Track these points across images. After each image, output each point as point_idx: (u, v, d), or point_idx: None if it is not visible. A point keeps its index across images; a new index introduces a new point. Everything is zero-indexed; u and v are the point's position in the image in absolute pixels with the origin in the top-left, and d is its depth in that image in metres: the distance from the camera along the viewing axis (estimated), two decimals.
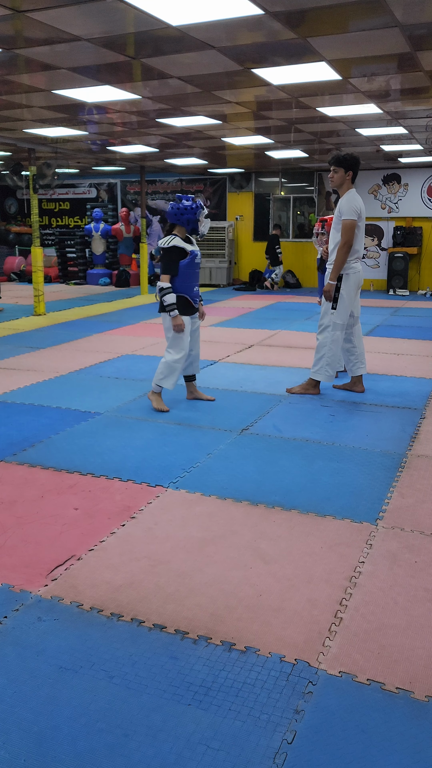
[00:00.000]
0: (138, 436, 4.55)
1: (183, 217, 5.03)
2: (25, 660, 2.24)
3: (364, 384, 5.89)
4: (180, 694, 2.08)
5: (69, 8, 4.44)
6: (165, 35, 5.01)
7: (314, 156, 12.58)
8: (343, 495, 3.61)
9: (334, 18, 4.59)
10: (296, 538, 3.12)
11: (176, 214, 5.04)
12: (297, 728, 1.94)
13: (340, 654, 2.28)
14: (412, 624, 2.45)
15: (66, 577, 2.76)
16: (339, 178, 5.24)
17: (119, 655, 2.27)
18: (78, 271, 15.95)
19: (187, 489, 3.67)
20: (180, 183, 16.71)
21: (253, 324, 9.68)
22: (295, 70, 6.04)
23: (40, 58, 5.75)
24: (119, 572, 2.80)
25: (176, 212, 5.03)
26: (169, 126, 9.29)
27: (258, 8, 4.36)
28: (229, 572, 2.80)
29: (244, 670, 2.19)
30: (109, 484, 3.75)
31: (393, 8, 4.37)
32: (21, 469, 3.96)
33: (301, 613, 2.51)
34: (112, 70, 6.15)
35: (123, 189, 17.44)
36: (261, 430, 4.71)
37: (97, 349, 7.70)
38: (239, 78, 6.35)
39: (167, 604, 2.56)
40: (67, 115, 8.59)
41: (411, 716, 1.99)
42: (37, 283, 10.53)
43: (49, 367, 6.73)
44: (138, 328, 9.26)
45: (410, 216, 14.52)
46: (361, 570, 2.82)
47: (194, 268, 5.18)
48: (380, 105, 7.68)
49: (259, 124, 9.14)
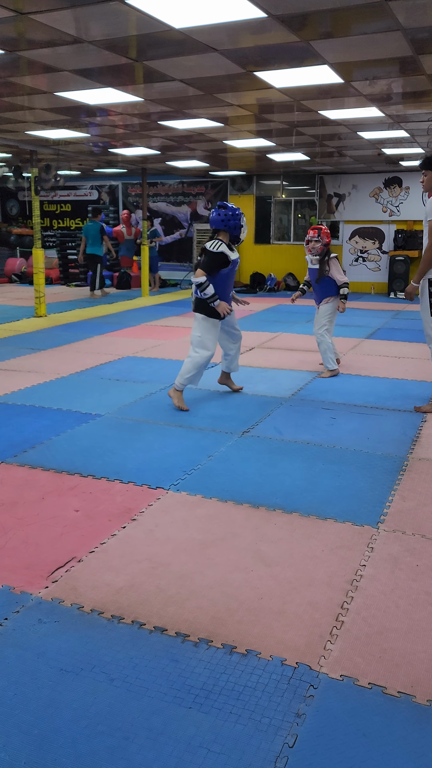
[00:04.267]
0: (139, 438, 4.55)
1: (230, 223, 5.16)
2: (26, 662, 2.23)
3: (366, 388, 5.88)
4: (181, 697, 2.07)
5: (71, 10, 4.45)
6: (168, 38, 5.01)
7: (316, 159, 12.59)
8: (345, 498, 3.60)
9: (336, 21, 4.59)
10: (297, 540, 3.11)
11: (223, 219, 5.15)
12: (298, 732, 1.93)
13: (341, 657, 2.27)
14: (414, 628, 2.44)
15: (67, 578, 2.76)
16: (428, 182, 5.06)
17: (120, 657, 2.26)
18: (79, 273, 15.95)
19: (188, 491, 3.67)
20: (181, 185, 16.73)
21: (254, 326, 9.68)
22: (297, 73, 6.04)
23: (42, 60, 5.76)
24: (120, 574, 2.79)
25: (223, 218, 5.15)
26: (170, 128, 9.30)
27: (261, 11, 4.37)
28: (230, 575, 2.79)
29: (245, 674, 2.18)
30: (109, 485, 3.74)
31: (396, 12, 4.37)
32: (22, 471, 3.96)
33: (302, 616, 2.50)
34: (114, 73, 6.15)
35: (124, 191, 17.45)
36: (262, 432, 4.71)
37: (98, 350, 7.70)
38: (241, 81, 6.36)
39: (168, 607, 2.55)
40: (69, 117, 8.60)
41: (413, 720, 1.99)
42: (38, 284, 10.53)
43: (50, 368, 6.72)
44: (139, 330, 9.26)
45: (411, 219, 14.53)
46: (363, 573, 2.82)
47: (232, 275, 5.37)
48: (382, 108, 7.69)
49: (260, 127, 9.15)
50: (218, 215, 5.17)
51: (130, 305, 12.23)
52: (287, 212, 15.97)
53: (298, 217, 15.91)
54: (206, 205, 16.59)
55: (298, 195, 15.77)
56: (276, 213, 15.99)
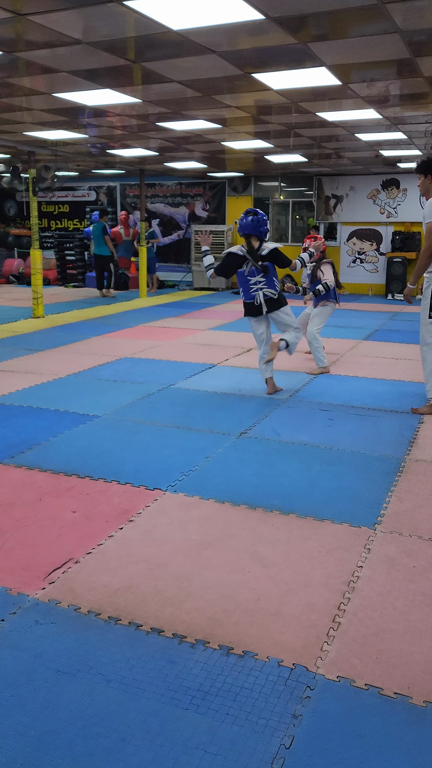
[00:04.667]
0: (136, 439, 4.55)
1: (263, 228, 5.56)
2: (22, 663, 2.23)
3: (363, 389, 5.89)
4: (178, 699, 2.07)
5: (70, 12, 4.45)
6: (166, 39, 5.02)
7: (313, 161, 12.61)
8: (342, 499, 3.60)
9: (334, 23, 4.60)
10: (294, 542, 3.12)
11: (257, 225, 5.52)
12: (295, 733, 1.94)
13: (338, 659, 2.27)
14: (410, 629, 2.45)
15: (64, 580, 2.76)
16: (423, 185, 5.10)
17: (117, 658, 2.26)
18: (77, 273, 15.94)
19: (185, 492, 3.67)
20: (179, 186, 16.74)
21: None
22: (295, 75, 6.05)
23: (40, 61, 5.76)
24: (117, 575, 2.79)
25: (257, 224, 5.53)
26: (169, 129, 9.31)
27: (259, 13, 4.38)
28: (227, 576, 2.80)
29: (242, 675, 2.19)
30: (107, 487, 3.74)
31: (393, 14, 4.38)
32: (19, 472, 3.96)
33: (299, 618, 2.50)
34: (112, 74, 6.16)
35: (122, 192, 17.45)
36: (259, 433, 4.71)
37: (96, 351, 7.70)
38: (239, 82, 6.37)
39: (165, 608, 2.55)
40: (67, 118, 8.60)
41: (409, 721, 1.99)
42: (35, 285, 10.52)
43: (48, 369, 6.72)
44: (137, 331, 9.26)
45: (409, 221, 14.55)
46: (360, 574, 2.82)
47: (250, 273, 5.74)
48: (380, 110, 7.71)
49: (258, 129, 9.16)
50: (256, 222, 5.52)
51: (128, 306, 12.23)
52: (285, 214, 15.99)
53: (296, 219, 15.93)
54: (204, 207, 16.61)
55: (296, 196, 15.79)
56: (274, 214, 16.01)
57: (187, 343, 8.34)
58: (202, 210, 16.64)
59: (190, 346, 8.08)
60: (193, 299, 13.64)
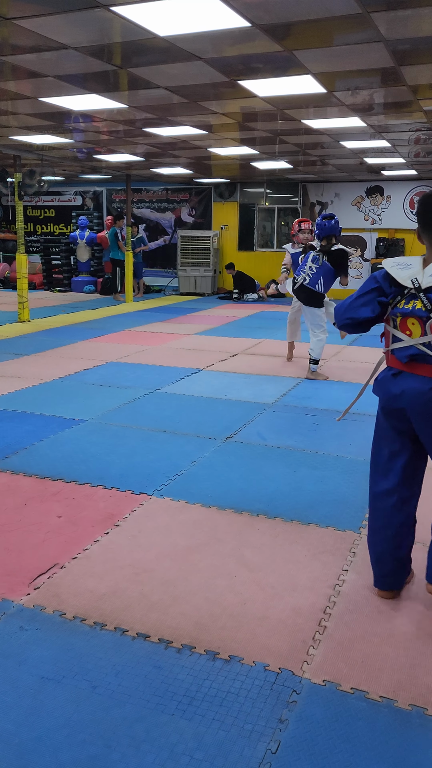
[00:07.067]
0: (122, 444, 4.53)
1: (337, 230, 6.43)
2: (7, 670, 2.21)
3: (348, 394, 5.91)
4: (164, 704, 2.06)
5: (56, 16, 4.45)
6: (152, 45, 5.03)
7: (299, 167, 12.69)
8: (327, 503, 3.62)
9: (319, 32, 4.64)
10: (280, 546, 3.12)
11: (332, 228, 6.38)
12: (281, 738, 1.93)
13: (324, 662, 2.28)
14: (396, 632, 2.46)
15: (49, 585, 2.74)
16: None
17: (102, 664, 2.24)
18: (63, 278, 15.89)
19: (171, 497, 3.66)
20: (166, 192, 16.76)
21: (238, 333, 9.71)
22: (280, 83, 6.09)
23: (26, 65, 5.75)
24: (103, 581, 2.78)
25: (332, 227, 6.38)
26: (155, 135, 9.32)
27: (245, 21, 4.41)
28: (213, 580, 2.79)
29: (228, 680, 2.18)
30: (92, 491, 3.72)
31: (377, 23, 4.44)
32: (3, 477, 3.92)
33: (285, 622, 2.50)
34: (98, 79, 6.16)
35: (108, 197, 17.44)
36: (245, 438, 4.71)
37: (82, 356, 7.67)
38: (225, 89, 6.40)
39: (151, 613, 2.54)
40: (53, 123, 8.59)
41: (395, 725, 2.00)
42: (21, 289, 10.47)
43: (33, 373, 6.68)
44: (123, 336, 9.24)
45: (393, 228, 14.70)
46: (345, 578, 2.83)
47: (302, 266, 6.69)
48: (364, 118, 7.78)
49: (244, 135, 9.21)
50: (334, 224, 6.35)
51: (113, 311, 12.20)
52: (270, 220, 16.07)
53: (281, 225, 16.00)
54: (190, 212, 16.63)
55: (281, 203, 15.87)
56: (259, 220, 16.08)
57: (174, 347, 8.34)
58: (188, 215, 16.67)
59: (177, 351, 8.07)
60: (179, 304, 13.64)
